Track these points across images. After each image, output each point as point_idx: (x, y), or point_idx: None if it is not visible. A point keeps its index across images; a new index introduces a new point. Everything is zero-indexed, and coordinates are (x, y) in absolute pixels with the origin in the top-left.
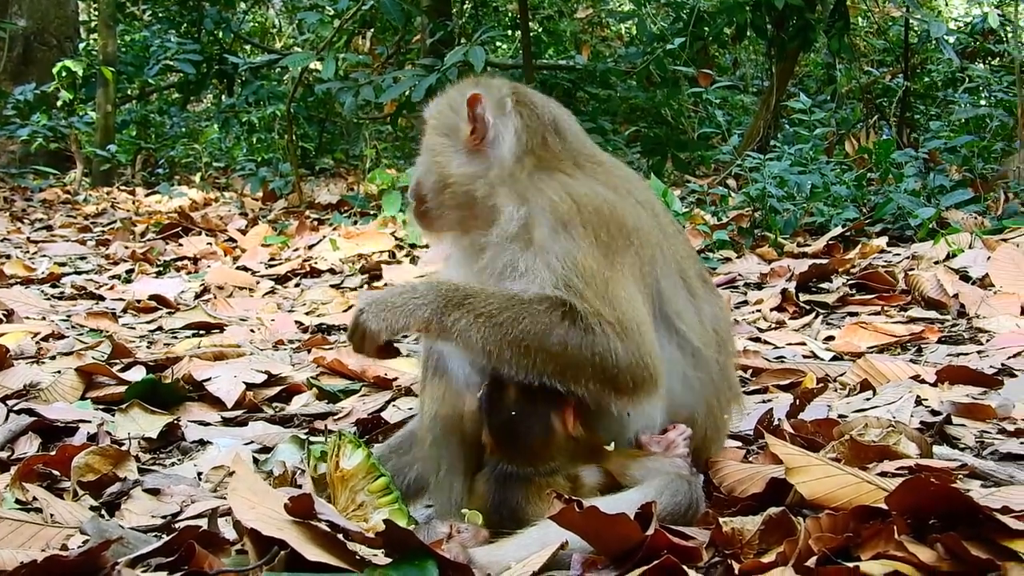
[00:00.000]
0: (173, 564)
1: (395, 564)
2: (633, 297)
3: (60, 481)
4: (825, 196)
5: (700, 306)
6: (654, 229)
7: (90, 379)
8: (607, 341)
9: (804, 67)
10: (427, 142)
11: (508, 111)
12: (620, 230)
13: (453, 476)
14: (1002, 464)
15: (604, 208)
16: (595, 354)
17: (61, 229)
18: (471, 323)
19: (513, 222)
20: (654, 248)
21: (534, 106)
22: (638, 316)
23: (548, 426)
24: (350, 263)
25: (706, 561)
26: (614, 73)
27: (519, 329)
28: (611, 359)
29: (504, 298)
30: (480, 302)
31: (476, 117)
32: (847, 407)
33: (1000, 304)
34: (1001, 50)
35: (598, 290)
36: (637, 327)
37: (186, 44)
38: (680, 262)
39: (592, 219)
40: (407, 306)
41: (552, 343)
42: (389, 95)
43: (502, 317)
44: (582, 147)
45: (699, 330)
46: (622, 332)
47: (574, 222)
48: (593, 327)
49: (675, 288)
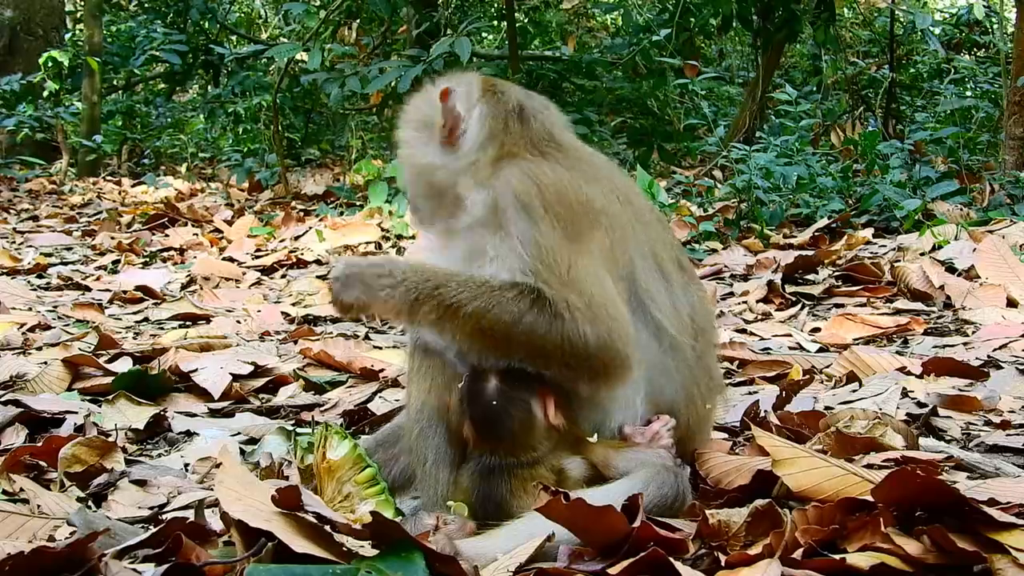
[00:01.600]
0: (160, 555)
1: (382, 556)
2: (601, 278)
3: (47, 472)
4: (811, 187)
5: (674, 292)
6: (624, 213)
7: (76, 370)
8: (576, 326)
9: (790, 58)
10: (402, 136)
11: (474, 101)
12: (585, 212)
13: (440, 468)
14: (988, 456)
15: (567, 190)
16: (564, 339)
17: (47, 219)
18: (442, 313)
19: (477, 207)
20: (624, 230)
21: (500, 95)
22: (607, 298)
23: (529, 414)
24: (336, 254)
25: (692, 553)
26: (600, 64)
27: (488, 318)
28: (580, 343)
29: (475, 286)
30: (451, 292)
31: (447, 110)
32: (833, 399)
33: (986, 296)
34: (987, 41)
35: (562, 273)
36: (606, 310)
37: (172, 34)
38: (654, 247)
39: (553, 200)
40: (381, 291)
41: (520, 331)
42: (375, 86)
43: (471, 307)
44: (550, 135)
45: (672, 316)
46: (591, 315)
47: (534, 204)
48: (561, 312)
49: (648, 272)
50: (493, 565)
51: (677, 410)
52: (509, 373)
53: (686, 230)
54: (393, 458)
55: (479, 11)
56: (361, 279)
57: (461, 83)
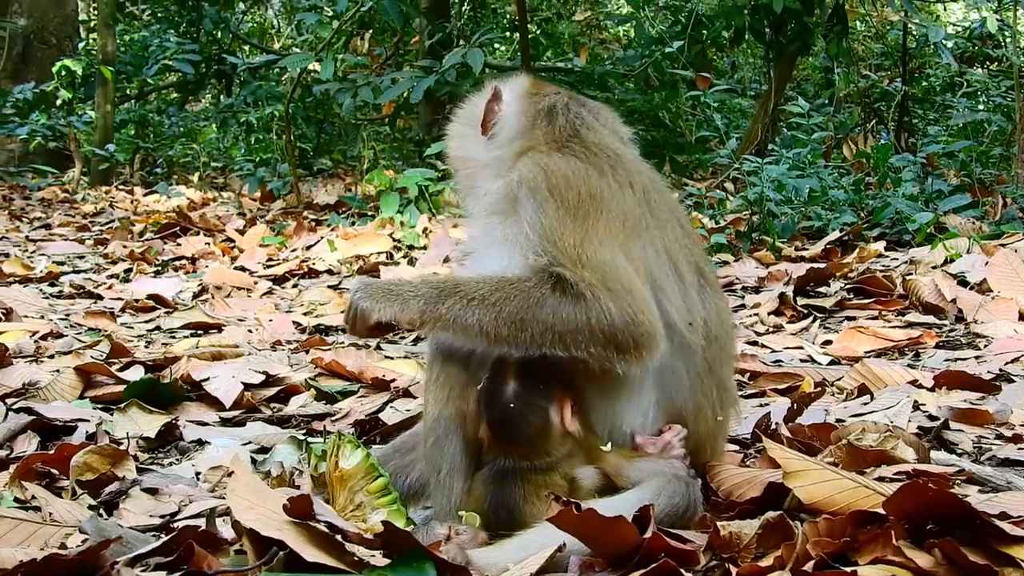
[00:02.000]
0: (172, 564)
1: (393, 565)
2: (613, 257)
3: (59, 480)
4: (823, 200)
5: (688, 293)
6: (638, 208)
7: (89, 378)
8: (598, 304)
9: (802, 71)
10: (450, 130)
11: (513, 100)
12: (592, 197)
13: (453, 478)
14: (1000, 470)
15: (573, 177)
16: (589, 318)
17: (59, 228)
18: (465, 307)
19: (491, 195)
20: (635, 223)
21: (537, 95)
22: (620, 273)
23: (545, 419)
24: (348, 264)
25: (703, 564)
26: (612, 76)
27: (512, 306)
28: (606, 319)
29: (493, 281)
30: (471, 288)
31: (487, 107)
32: (845, 412)
33: (998, 309)
34: (999, 55)
35: (572, 253)
36: (621, 283)
37: (185, 44)
38: (668, 246)
39: (559, 184)
40: (403, 295)
41: (545, 315)
42: (387, 96)
43: (494, 298)
44: (574, 132)
45: (684, 315)
46: (608, 291)
47: (540, 188)
48: (583, 292)
49: (660, 267)
50: (504, 575)
51: (686, 419)
52: (528, 377)
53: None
54: (410, 464)
55: (492, 22)
56: (382, 288)
57: (509, 83)
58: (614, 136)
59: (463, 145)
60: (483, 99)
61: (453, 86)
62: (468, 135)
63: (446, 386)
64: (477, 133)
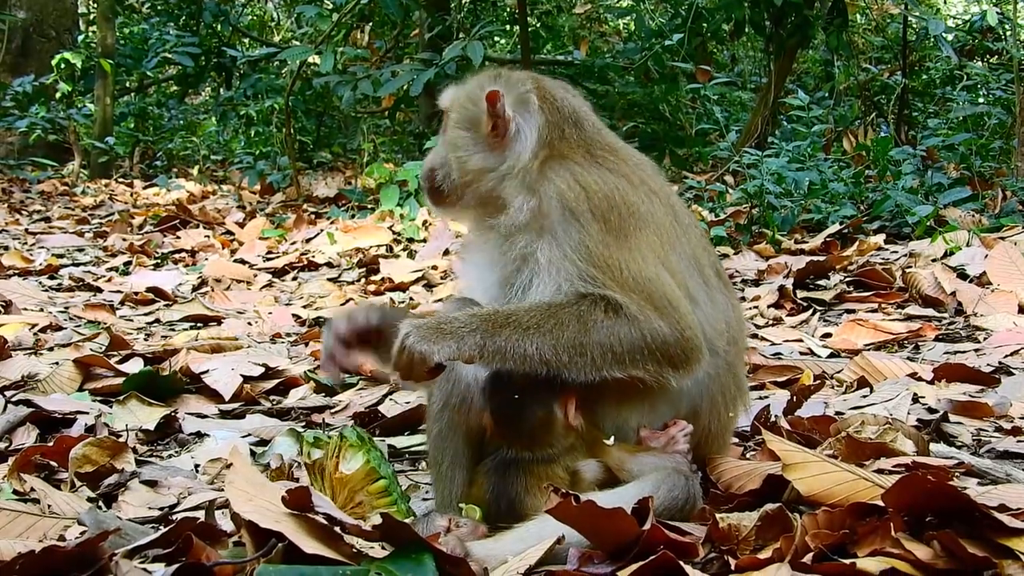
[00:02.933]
0: (170, 555)
1: (392, 557)
2: (657, 274)
3: (58, 472)
4: (823, 193)
5: (714, 297)
6: (667, 216)
7: (88, 371)
8: (650, 322)
9: (802, 64)
10: (448, 135)
11: (533, 109)
12: (631, 214)
13: (456, 470)
14: (999, 462)
15: (614, 194)
16: (644, 336)
17: (59, 221)
18: (521, 337)
19: (524, 212)
20: (668, 234)
21: (555, 100)
22: (666, 291)
23: (549, 411)
24: (347, 257)
25: (702, 557)
26: (612, 69)
27: (569, 332)
28: (660, 336)
29: (543, 308)
30: (522, 318)
31: (496, 113)
32: (844, 404)
33: (997, 302)
34: (999, 48)
35: (618, 274)
36: (669, 302)
37: (184, 37)
38: (694, 251)
39: (602, 204)
40: (456, 332)
41: (602, 337)
42: (387, 89)
43: (548, 324)
44: (597, 136)
45: (712, 320)
46: (657, 311)
47: (582, 208)
48: (636, 314)
49: (691, 276)
50: (503, 567)
51: (699, 415)
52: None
53: None
54: None
55: (491, 15)
56: (433, 328)
57: (510, 85)
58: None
59: (467, 155)
60: (479, 100)
61: (453, 79)
62: (472, 142)
63: (452, 378)
64: (483, 140)
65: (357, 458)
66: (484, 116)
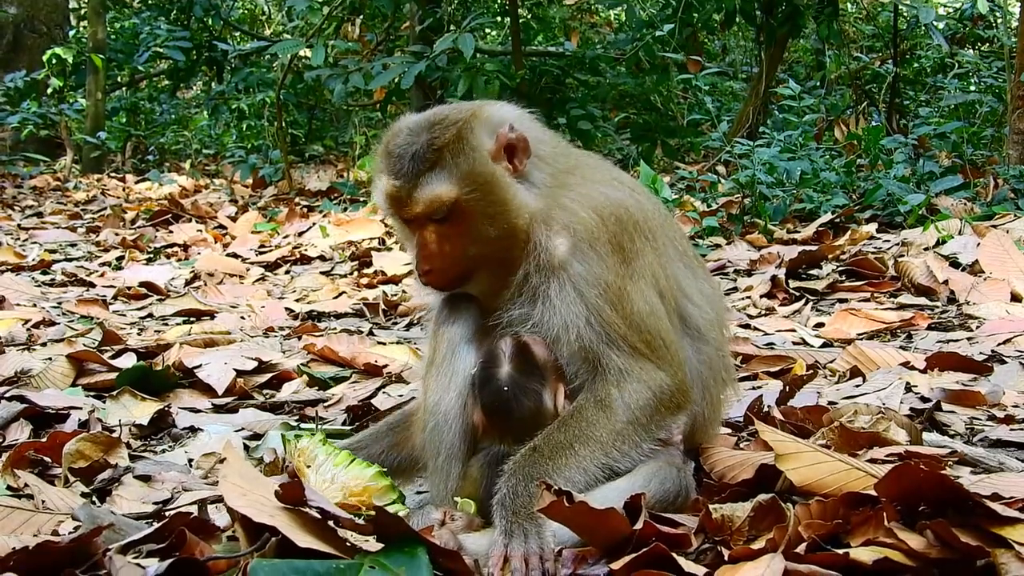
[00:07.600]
0: (164, 550)
1: (385, 550)
2: (654, 307)
3: (51, 468)
4: (814, 182)
5: (701, 286)
6: (656, 214)
7: (81, 366)
8: (654, 378)
9: (793, 53)
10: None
11: (532, 131)
12: (637, 231)
13: (451, 463)
14: (992, 451)
15: (622, 214)
16: (653, 392)
17: (51, 216)
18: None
19: (541, 248)
20: (662, 234)
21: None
22: (661, 328)
23: (539, 403)
24: (340, 250)
25: (696, 547)
26: (603, 60)
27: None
28: (666, 388)
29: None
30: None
31: (510, 145)
32: (837, 394)
33: (990, 290)
34: (990, 36)
35: (624, 310)
36: (664, 343)
37: (175, 31)
38: (678, 244)
39: (615, 230)
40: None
41: (627, 419)
42: (378, 82)
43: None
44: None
45: (705, 309)
46: (657, 358)
47: (600, 240)
48: (640, 377)
49: (681, 272)
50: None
51: (694, 402)
52: (522, 361)
53: (690, 225)
54: (402, 442)
55: (482, 7)
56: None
57: (508, 112)
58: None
59: (499, 190)
60: (484, 133)
61: (444, 71)
62: (498, 175)
63: (448, 372)
64: (504, 172)
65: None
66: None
